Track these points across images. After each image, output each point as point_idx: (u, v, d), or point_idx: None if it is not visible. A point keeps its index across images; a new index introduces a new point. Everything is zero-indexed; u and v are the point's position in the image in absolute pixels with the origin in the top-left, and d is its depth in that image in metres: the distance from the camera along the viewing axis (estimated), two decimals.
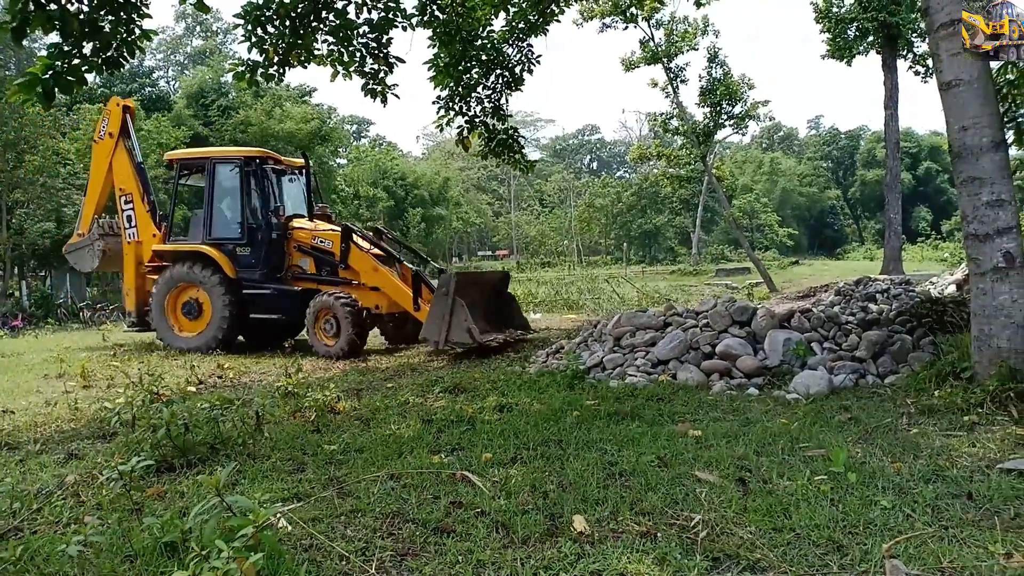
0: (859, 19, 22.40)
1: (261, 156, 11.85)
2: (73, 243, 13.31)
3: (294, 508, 3.98)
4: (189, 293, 11.53)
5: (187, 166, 12.36)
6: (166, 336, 11.65)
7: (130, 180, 12.45)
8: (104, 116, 12.77)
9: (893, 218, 23.67)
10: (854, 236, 64.28)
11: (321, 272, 11.36)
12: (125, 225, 12.52)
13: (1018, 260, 5.79)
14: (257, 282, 11.36)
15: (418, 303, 10.57)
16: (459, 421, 5.99)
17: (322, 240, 11.28)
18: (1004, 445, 4.83)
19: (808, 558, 3.23)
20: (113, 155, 12.51)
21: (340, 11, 8.98)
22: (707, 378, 7.42)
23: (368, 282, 10.90)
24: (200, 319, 11.43)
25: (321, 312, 10.71)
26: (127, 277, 12.53)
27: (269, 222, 11.50)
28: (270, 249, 11.43)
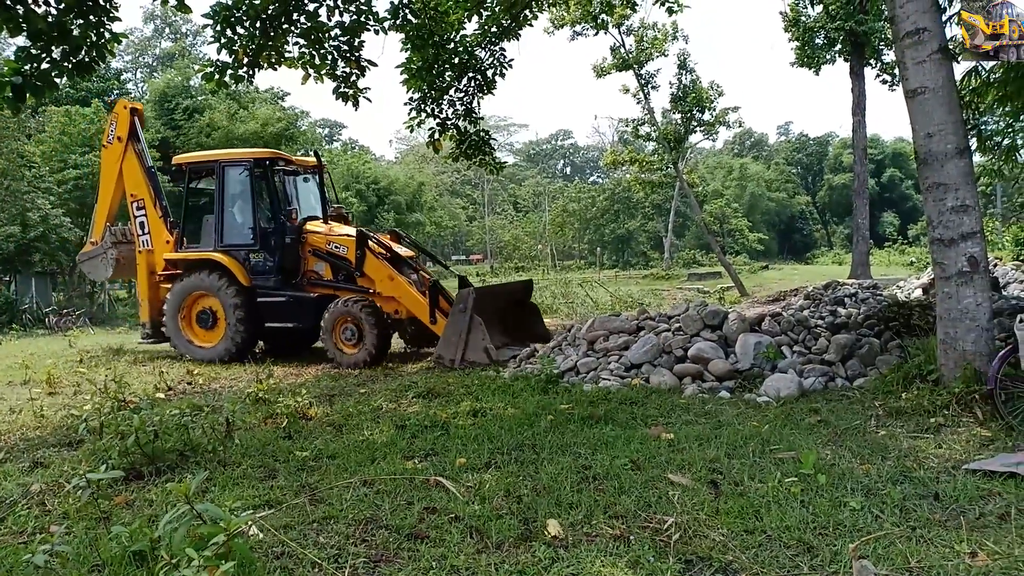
0: (827, 28, 22.74)
1: (271, 157, 11.38)
2: (86, 252, 12.78)
3: (265, 515, 3.94)
4: (203, 302, 11.11)
5: (196, 170, 11.83)
6: (181, 347, 11.21)
7: (141, 185, 12.01)
8: (112, 120, 12.26)
9: (861, 223, 24.04)
10: (823, 241, 65.19)
11: (338, 277, 10.85)
12: (138, 232, 12.05)
13: (982, 264, 5.91)
14: (272, 289, 10.90)
15: (435, 315, 10.14)
16: (433, 426, 5.96)
17: (337, 246, 10.77)
18: (969, 446, 4.92)
19: (779, 559, 3.27)
20: (123, 160, 12.04)
21: (311, 13, 8.89)
22: (679, 381, 7.47)
23: (384, 291, 10.42)
24: (215, 329, 11.02)
25: (340, 319, 10.27)
26: (140, 286, 12.11)
27: (283, 226, 10.98)
28: (284, 254, 10.93)
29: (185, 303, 11.15)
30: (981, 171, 9.16)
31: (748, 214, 57.30)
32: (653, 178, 29.04)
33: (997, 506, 3.79)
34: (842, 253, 50.12)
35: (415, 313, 10.35)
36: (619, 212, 55.73)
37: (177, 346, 11.29)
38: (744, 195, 58.06)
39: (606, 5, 21.47)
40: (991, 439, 5.04)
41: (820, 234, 66.63)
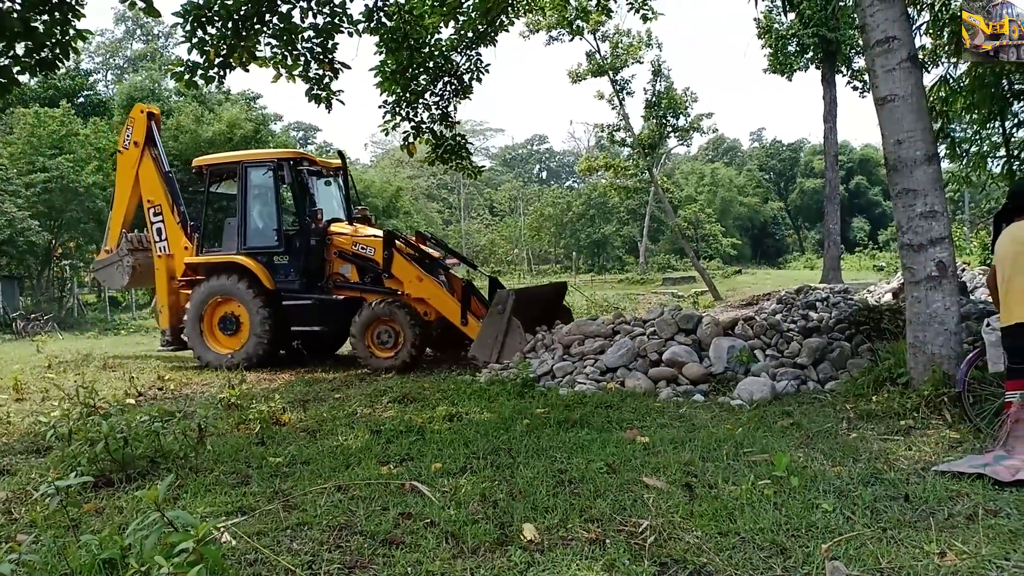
0: (799, 35, 23.06)
1: (295, 157, 11.11)
2: (101, 260, 12.48)
3: (238, 522, 3.89)
4: (226, 307, 10.77)
5: (217, 172, 11.52)
6: (203, 354, 10.83)
7: (158, 190, 11.71)
8: (128, 124, 11.98)
9: (832, 228, 24.38)
10: (795, 246, 65.93)
11: (364, 280, 10.61)
12: (155, 238, 11.72)
13: (950, 269, 6.02)
14: (297, 292, 10.63)
15: (466, 317, 9.87)
16: (408, 431, 5.94)
17: (363, 247, 10.50)
18: (939, 448, 5.00)
19: (752, 561, 3.29)
20: (139, 165, 11.75)
21: (284, 14, 8.82)
22: (654, 385, 7.52)
23: (413, 293, 10.13)
24: (239, 334, 10.69)
25: (376, 321, 9.95)
26: (160, 293, 11.77)
27: (307, 228, 10.72)
28: (309, 257, 10.68)
29: (206, 308, 10.79)
30: (949, 178, 9.31)
31: (720, 219, 57.78)
32: (628, 183, 29.21)
33: (965, 507, 3.85)
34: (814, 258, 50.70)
35: (446, 315, 10.07)
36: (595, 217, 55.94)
37: (199, 353, 10.89)
38: (715, 200, 58.56)
39: (581, 11, 21.60)
40: (960, 441, 5.13)
41: (792, 239, 67.38)
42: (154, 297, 15.18)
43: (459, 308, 9.89)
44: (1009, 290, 4.91)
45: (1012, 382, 4.99)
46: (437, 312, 10.14)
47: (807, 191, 62.74)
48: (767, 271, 48.35)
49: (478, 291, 10.50)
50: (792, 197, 65.95)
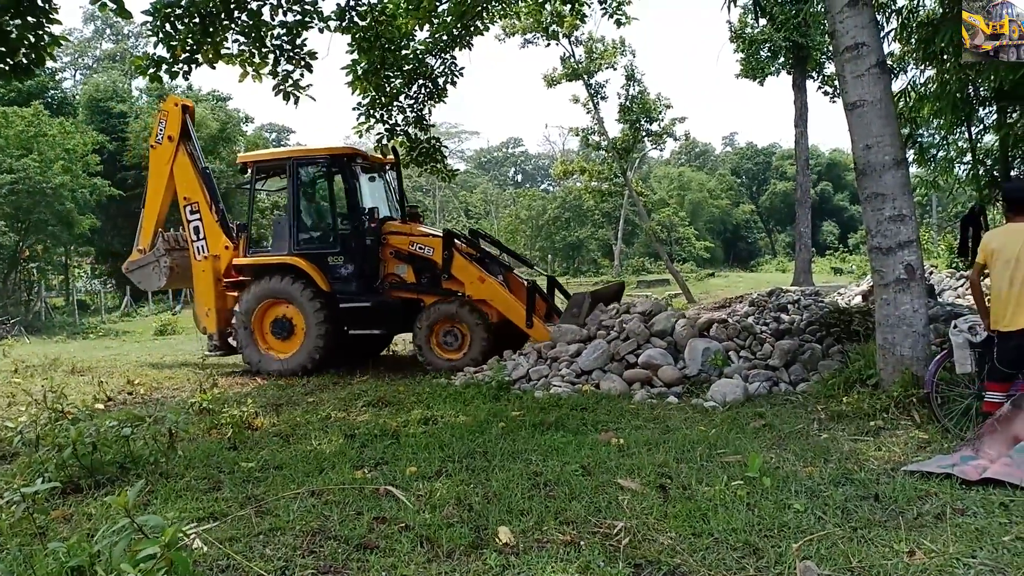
0: (771, 40, 23.34)
1: (349, 153, 10.62)
2: (135, 260, 11.81)
3: (209, 528, 3.85)
4: (278, 310, 10.29)
5: (264, 169, 11.06)
6: (254, 359, 10.32)
7: (195, 187, 11.15)
8: (160, 118, 11.40)
9: (803, 232, 24.68)
10: (767, 249, 66.63)
11: (421, 280, 10.26)
12: (193, 238, 11.09)
13: (918, 272, 6.12)
14: (354, 294, 10.17)
15: (531, 319, 9.56)
16: (383, 435, 5.90)
17: (421, 247, 10.12)
18: (908, 448, 5.08)
19: (726, 561, 3.32)
20: (174, 161, 11.21)
21: (253, 11, 8.73)
22: (629, 387, 7.55)
23: (474, 294, 9.78)
24: (292, 338, 10.21)
25: (441, 322, 9.74)
26: (205, 295, 11.04)
27: (363, 227, 10.29)
28: (365, 257, 10.28)
29: (257, 311, 10.32)
30: (918, 182, 9.48)
31: (692, 222, 58.24)
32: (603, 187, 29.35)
33: (934, 506, 3.91)
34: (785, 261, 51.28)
35: (510, 317, 9.77)
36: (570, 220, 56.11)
37: (250, 358, 10.39)
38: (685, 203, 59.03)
39: (556, 16, 21.67)
40: (928, 441, 5.21)
41: (764, 242, 68.08)
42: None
43: (523, 310, 9.64)
44: (1015, 293, 4.85)
45: (996, 384, 5.08)
46: (499, 314, 9.86)
47: (778, 194, 63.46)
48: (740, 274, 48.81)
49: (543, 292, 10.20)
50: (763, 200, 66.65)
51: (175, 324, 20.51)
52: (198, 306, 11.16)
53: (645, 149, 29.97)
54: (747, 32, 24.04)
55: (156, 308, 29.53)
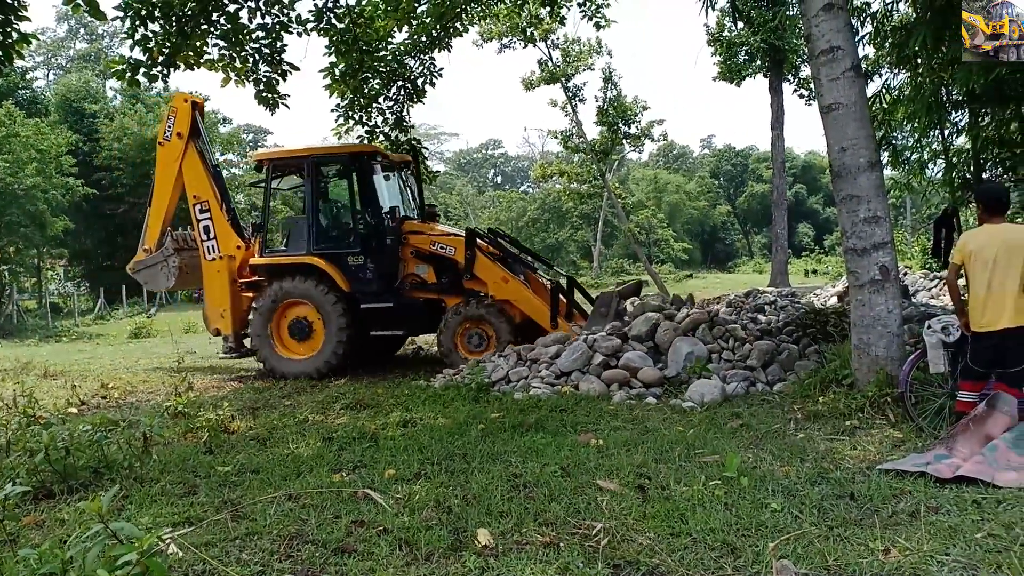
0: (748, 43, 23.54)
1: (369, 152, 10.46)
2: (141, 260, 11.49)
3: (185, 533, 3.80)
4: (296, 311, 10.10)
5: (280, 167, 10.79)
6: (272, 361, 10.07)
7: (205, 186, 10.87)
8: (169, 114, 11.11)
9: (780, 233, 24.92)
10: (744, 250, 67.17)
11: (441, 280, 10.12)
12: (203, 237, 10.80)
13: (893, 273, 6.19)
14: (375, 295, 10.01)
15: (556, 319, 9.52)
16: (361, 438, 5.87)
17: (443, 246, 9.98)
18: (883, 447, 5.14)
19: (704, 561, 3.34)
20: (183, 158, 10.91)
21: (231, 14, 8.65)
22: (608, 388, 7.56)
23: (498, 294, 9.66)
24: (311, 340, 10.02)
25: (467, 322, 9.62)
26: (219, 296, 10.76)
27: (383, 226, 10.15)
28: (386, 257, 10.13)
29: (275, 313, 10.12)
30: (892, 184, 9.59)
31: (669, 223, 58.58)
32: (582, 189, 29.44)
33: (908, 504, 3.96)
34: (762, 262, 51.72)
35: (534, 318, 9.71)
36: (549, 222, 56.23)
37: (267, 360, 10.17)
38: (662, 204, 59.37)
39: (534, 18, 21.71)
40: (902, 440, 5.27)
41: (741, 243, 68.63)
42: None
43: (547, 310, 9.60)
44: (991, 294, 4.89)
45: (969, 384, 5.14)
46: (522, 314, 9.78)
47: (756, 196, 64.02)
48: (717, 275, 49.18)
49: (566, 291, 10.09)
50: (740, 202, 67.19)
51: (150, 327, 20.27)
52: (210, 307, 10.88)
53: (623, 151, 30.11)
54: (724, 35, 24.25)
55: (131, 311, 29.15)
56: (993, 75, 6.15)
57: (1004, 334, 4.85)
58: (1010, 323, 4.83)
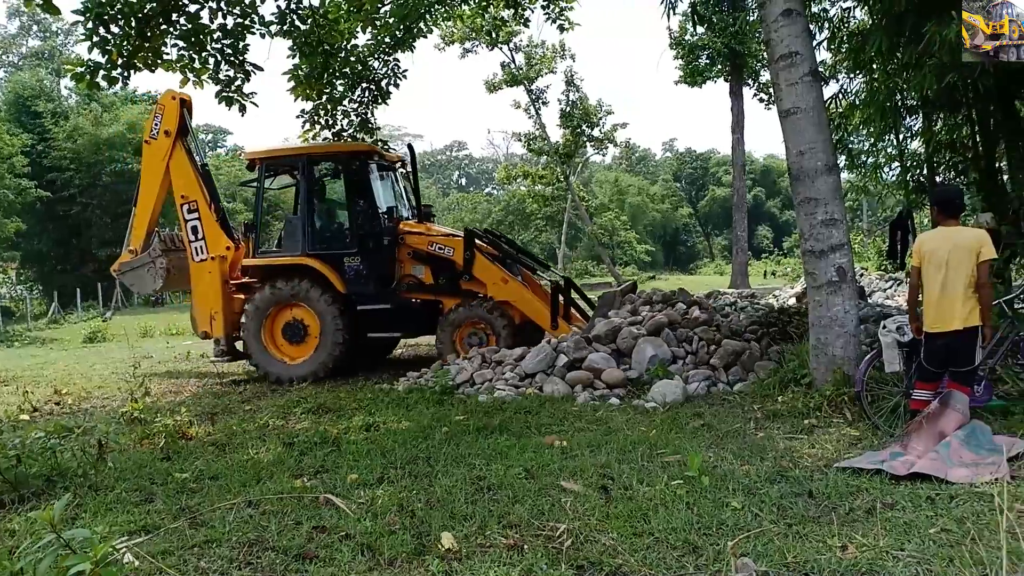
0: (709, 47, 23.84)
1: (366, 151, 10.27)
2: (127, 262, 11.09)
3: (141, 541, 3.72)
4: (290, 313, 9.91)
5: (274, 166, 10.54)
6: (265, 364, 9.86)
7: (193, 185, 10.54)
8: (156, 112, 10.73)
9: (740, 235, 25.28)
10: (705, 252, 68.02)
11: (438, 281, 9.96)
12: (190, 238, 10.49)
13: (849, 274, 6.31)
14: (371, 296, 9.84)
15: (556, 320, 9.47)
16: (323, 442, 5.80)
17: (441, 247, 9.84)
18: (840, 445, 5.23)
19: (666, 560, 3.36)
20: (170, 157, 10.54)
21: (192, 15, 8.51)
22: (572, 389, 7.59)
23: (497, 295, 9.54)
24: (306, 342, 9.82)
25: (467, 323, 9.54)
26: (209, 298, 10.42)
27: (381, 227, 9.97)
28: (383, 258, 9.96)
29: (268, 315, 9.90)
30: (848, 187, 9.78)
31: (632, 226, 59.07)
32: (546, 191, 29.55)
33: (864, 501, 4.03)
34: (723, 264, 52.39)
35: (534, 319, 9.64)
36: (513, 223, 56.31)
37: (260, 363, 9.94)
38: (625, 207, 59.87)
39: (497, 21, 21.72)
40: (859, 438, 5.38)
41: (703, 246, 69.47)
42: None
43: (547, 310, 9.54)
44: (945, 296, 5.00)
45: (923, 383, 5.26)
46: (521, 315, 9.67)
47: (717, 199, 64.87)
48: (679, 277, 49.65)
49: (566, 292, 10.02)
50: (702, 205, 68.03)
51: (105, 331, 19.81)
52: (199, 310, 10.58)
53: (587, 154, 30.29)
54: (686, 39, 24.53)
55: (85, 315, 28.49)
56: (945, 81, 6.30)
57: (955, 334, 4.98)
58: (960, 324, 4.95)
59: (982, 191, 7.83)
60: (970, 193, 8.06)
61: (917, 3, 6.57)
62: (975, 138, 7.92)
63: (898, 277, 16.52)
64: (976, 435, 4.80)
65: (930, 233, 5.30)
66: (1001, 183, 7.84)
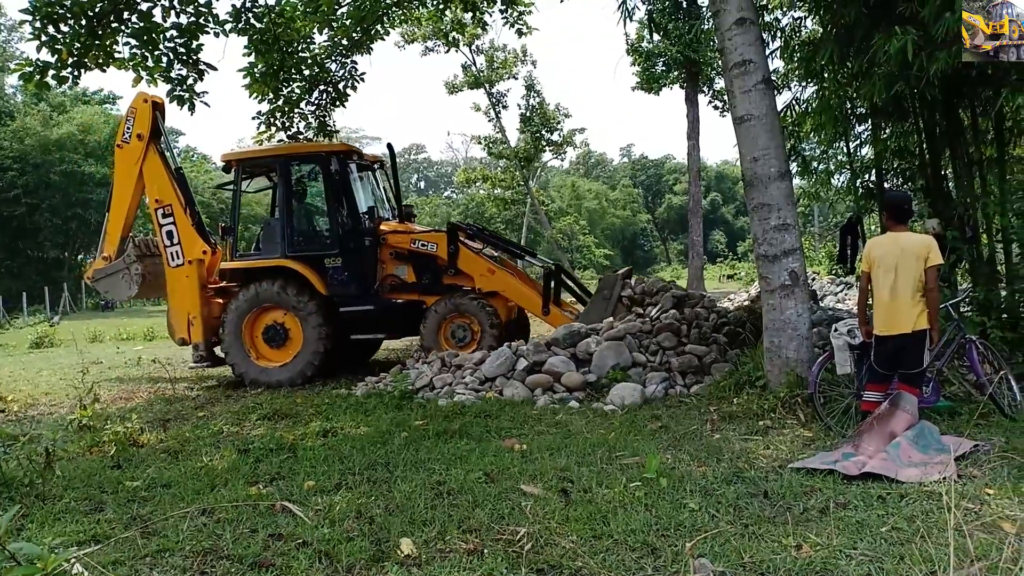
0: (666, 54, 24.11)
1: (345, 151, 10.13)
2: (101, 268, 10.76)
3: (91, 552, 3.61)
4: (271, 316, 9.74)
5: (251, 167, 10.34)
6: (245, 369, 9.70)
7: (167, 189, 10.29)
8: (128, 115, 10.44)
9: (696, 240, 25.58)
10: (662, 257, 68.80)
11: (422, 279, 9.91)
12: (165, 243, 10.27)
13: (802, 278, 6.44)
14: (353, 298, 9.73)
15: (548, 306, 9.48)
16: (279, 449, 5.72)
17: (424, 243, 9.78)
18: (794, 446, 5.33)
19: (625, 562, 3.38)
20: (143, 160, 10.28)
21: (144, 13, 8.33)
22: (532, 393, 7.60)
23: (485, 287, 9.52)
24: (288, 346, 9.69)
25: (450, 318, 9.44)
26: (188, 303, 10.13)
27: (361, 227, 9.89)
28: (365, 259, 9.86)
29: (248, 319, 9.73)
30: (800, 193, 9.97)
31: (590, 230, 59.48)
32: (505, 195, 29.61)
33: (818, 501, 4.11)
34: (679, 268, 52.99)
35: (524, 307, 9.70)
36: None
37: (240, 368, 9.74)
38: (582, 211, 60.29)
39: (457, 24, 21.72)
40: (812, 439, 5.49)
41: (660, 250, 70.25)
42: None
43: (537, 297, 9.54)
44: (895, 300, 5.12)
45: (874, 384, 5.38)
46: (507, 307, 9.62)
47: (674, 207, 65.69)
48: None
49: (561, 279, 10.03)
50: (660, 211, 68.82)
51: (53, 336, 19.24)
52: (176, 315, 10.29)
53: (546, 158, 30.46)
54: (643, 46, 24.77)
55: (32, 319, 27.64)
56: (893, 90, 6.47)
57: (903, 337, 5.11)
58: (909, 327, 5.09)
59: (929, 197, 8.05)
60: (918, 199, 8.29)
61: (866, 15, 6.75)
62: (922, 146, 8.15)
63: (849, 281, 16.90)
64: (924, 435, 4.93)
65: (879, 238, 5.43)
66: (947, 190, 8.08)
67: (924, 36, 5.73)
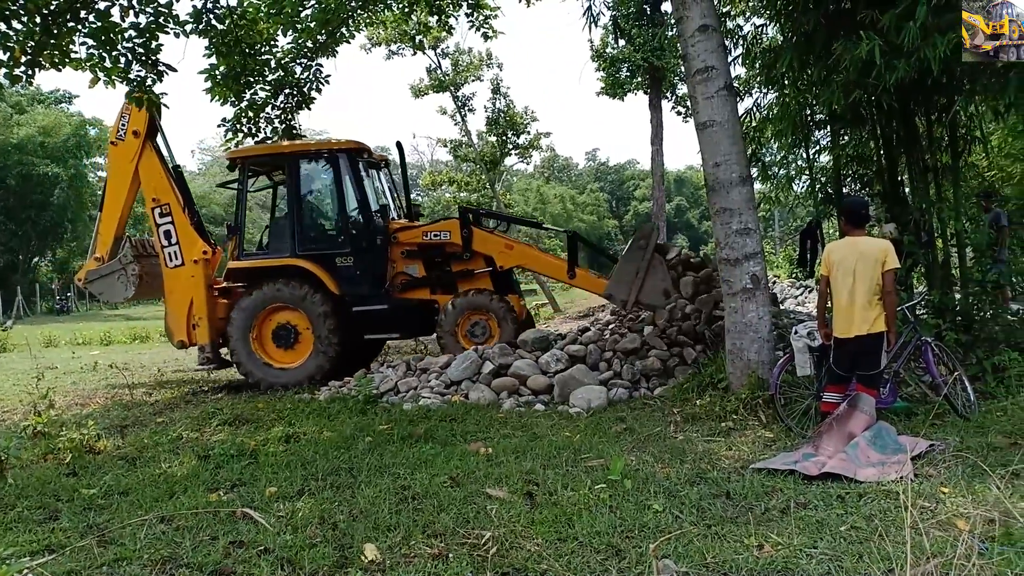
0: (630, 59, 24.31)
1: (355, 148, 9.93)
2: (94, 270, 10.39)
3: (45, 562, 3.52)
4: (279, 317, 9.56)
5: (257, 165, 10.23)
6: (255, 371, 9.47)
7: (165, 187, 10.03)
8: (123, 112, 10.10)
9: None
10: None
11: (431, 275, 9.78)
12: (163, 243, 9.98)
13: (763, 282, 6.54)
14: (366, 297, 9.57)
15: (573, 270, 9.52)
16: (240, 455, 5.63)
17: (436, 234, 9.67)
18: (755, 447, 5.40)
19: (590, 564, 3.39)
20: (139, 158, 9.99)
21: (102, 12, 8.15)
22: (497, 396, 7.60)
23: (505, 263, 9.56)
24: (298, 347, 9.50)
25: (468, 314, 9.29)
26: (198, 304, 9.87)
27: (373, 225, 9.72)
28: (377, 257, 9.68)
29: (257, 319, 9.51)
30: (761, 198, 10.10)
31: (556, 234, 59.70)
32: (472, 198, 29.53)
33: (779, 501, 4.17)
34: None
35: (549, 274, 10.21)
36: None
37: (249, 370, 9.48)
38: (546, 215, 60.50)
39: (422, 27, 21.63)
40: (773, 440, 5.56)
41: None
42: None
43: (561, 264, 9.69)
44: (853, 303, 5.21)
45: (833, 386, 5.48)
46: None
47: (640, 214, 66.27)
48: None
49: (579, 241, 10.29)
50: (627, 217, 69.39)
51: (5, 341, 18.73)
52: (173, 318, 10.02)
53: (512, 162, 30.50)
54: (608, 51, 24.95)
55: None
56: (852, 97, 6.60)
57: (861, 340, 5.21)
58: (867, 330, 5.19)
59: (886, 202, 8.22)
60: (875, 204, 8.45)
61: (825, 23, 6.88)
62: (879, 152, 8.32)
63: (808, 284, 17.17)
64: (882, 436, 5.03)
65: (838, 243, 5.53)
66: (903, 195, 8.25)
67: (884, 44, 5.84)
